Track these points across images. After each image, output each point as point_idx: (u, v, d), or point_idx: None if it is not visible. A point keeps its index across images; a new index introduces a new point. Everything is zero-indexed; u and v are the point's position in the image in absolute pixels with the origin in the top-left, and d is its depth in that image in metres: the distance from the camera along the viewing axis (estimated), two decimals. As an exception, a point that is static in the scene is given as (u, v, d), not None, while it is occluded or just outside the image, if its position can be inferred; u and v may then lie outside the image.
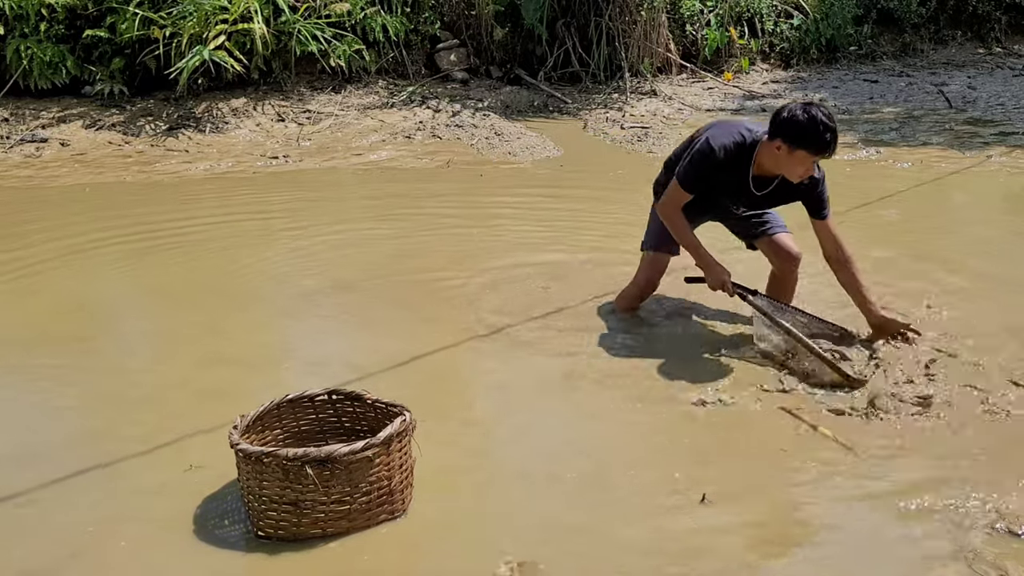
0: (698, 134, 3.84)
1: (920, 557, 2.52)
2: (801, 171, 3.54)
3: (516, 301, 4.36)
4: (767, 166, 3.63)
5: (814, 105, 3.49)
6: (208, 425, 3.13)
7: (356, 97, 8.88)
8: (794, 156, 3.49)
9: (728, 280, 3.75)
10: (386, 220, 5.81)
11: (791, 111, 3.48)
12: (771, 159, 3.58)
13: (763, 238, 3.99)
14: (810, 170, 3.55)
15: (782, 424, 3.25)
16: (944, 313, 4.12)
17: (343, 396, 2.94)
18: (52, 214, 5.93)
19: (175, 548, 2.60)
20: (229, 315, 4.29)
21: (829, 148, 3.46)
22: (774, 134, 3.53)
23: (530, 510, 2.78)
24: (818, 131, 3.42)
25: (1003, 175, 6.79)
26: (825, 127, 3.42)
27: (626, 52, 9.68)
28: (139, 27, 7.82)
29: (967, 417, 3.25)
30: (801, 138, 3.45)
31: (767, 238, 3.98)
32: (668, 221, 3.82)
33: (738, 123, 3.84)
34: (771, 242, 3.97)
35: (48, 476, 2.92)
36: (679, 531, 2.66)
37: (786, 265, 3.98)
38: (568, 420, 3.34)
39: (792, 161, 3.51)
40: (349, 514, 2.59)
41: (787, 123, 3.48)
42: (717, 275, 3.76)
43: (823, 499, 2.82)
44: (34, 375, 3.72)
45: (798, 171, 3.54)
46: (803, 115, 3.44)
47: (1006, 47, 12.17)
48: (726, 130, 3.72)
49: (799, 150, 3.47)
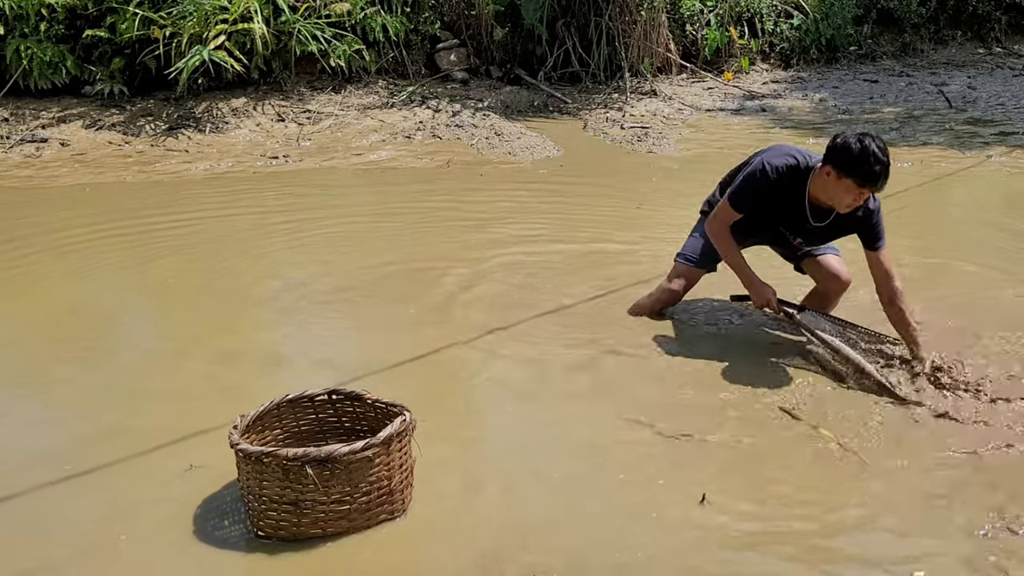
0: (754, 155, 3.82)
1: (920, 557, 2.52)
2: (848, 201, 3.48)
3: (518, 300, 4.36)
4: (819, 194, 3.57)
5: (870, 136, 3.43)
6: (208, 425, 3.13)
7: (356, 97, 8.87)
8: (841, 184, 3.44)
9: (774, 298, 3.72)
10: (386, 220, 5.80)
11: (845, 138, 3.44)
12: (821, 186, 3.54)
13: (810, 259, 3.92)
14: (857, 201, 3.48)
15: (783, 424, 3.24)
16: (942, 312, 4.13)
17: (343, 396, 2.94)
18: (52, 214, 5.93)
19: (175, 548, 2.59)
20: (229, 315, 4.29)
21: (877, 181, 3.41)
22: (826, 160, 3.50)
23: (531, 510, 2.78)
24: (868, 162, 3.36)
25: (1003, 175, 6.79)
26: (876, 159, 3.36)
27: (626, 52, 9.68)
28: (139, 27, 7.81)
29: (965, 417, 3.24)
30: (850, 166, 3.40)
31: (814, 259, 3.91)
32: (715, 239, 3.79)
33: (796, 148, 3.77)
34: (819, 264, 3.90)
35: (48, 476, 2.92)
36: (679, 531, 2.66)
37: (833, 286, 3.91)
38: (569, 420, 3.33)
39: (839, 189, 3.46)
40: (349, 514, 2.59)
41: (839, 150, 3.43)
42: (762, 294, 3.73)
43: (822, 499, 2.82)
44: (34, 375, 3.71)
45: (845, 200, 3.48)
46: (856, 144, 3.39)
47: (1006, 47, 12.18)
48: (781, 152, 3.69)
49: (846, 178, 3.41)
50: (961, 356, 3.63)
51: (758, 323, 4.07)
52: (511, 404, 3.42)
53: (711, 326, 4.08)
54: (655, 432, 3.22)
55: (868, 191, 3.45)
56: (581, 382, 3.58)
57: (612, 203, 6.16)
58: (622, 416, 3.31)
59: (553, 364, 3.72)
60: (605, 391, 3.51)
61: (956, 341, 3.85)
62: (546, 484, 2.91)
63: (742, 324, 4.08)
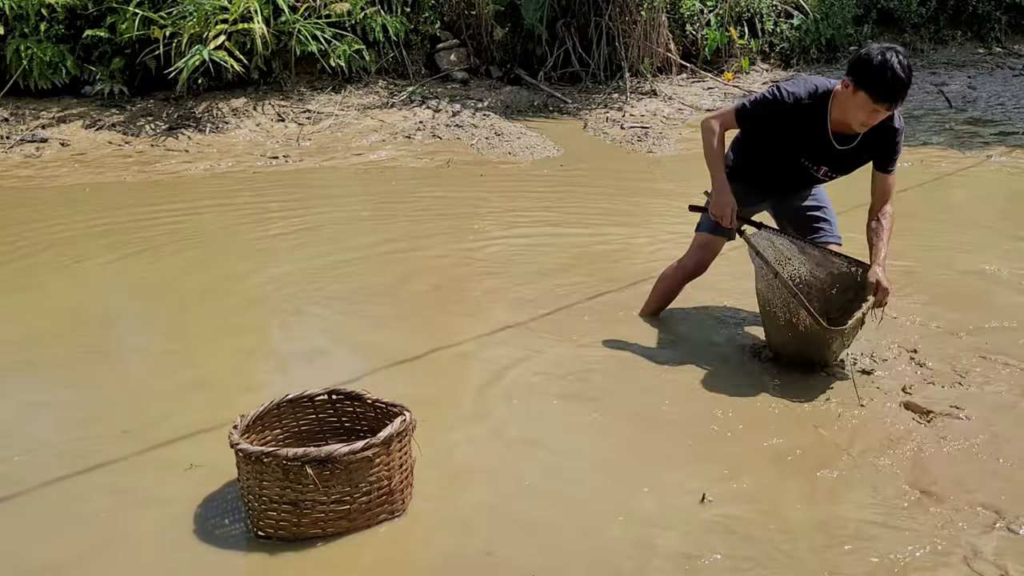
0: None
1: (920, 556, 2.52)
2: (862, 118, 3.36)
3: (518, 299, 4.36)
4: (839, 114, 3.44)
5: (895, 51, 3.27)
6: (208, 425, 3.13)
7: (356, 97, 8.88)
8: (856, 98, 3.32)
9: (732, 212, 3.59)
10: (386, 220, 5.80)
11: (868, 50, 3.31)
12: (839, 104, 3.42)
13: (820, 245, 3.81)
14: (871, 120, 3.36)
15: (789, 424, 3.24)
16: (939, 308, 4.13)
17: (343, 396, 2.94)
18: (52, 214, 5.93)
19: (175, 547, 2.59)
20: (229, 315, 4.28)
21: (891, 97, 3.27)
22: (848, 72, 3.38)
23: (531, 510, 2.78)
24: (884, 76, 3.23)
25: (1003, 175, 6.79)
26: (894, 75, 3.22)
27: (626, 52, 9.68)
28: (139, 27, 7.82)
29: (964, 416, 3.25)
30: (866, 78, 3.27)
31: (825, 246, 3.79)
32: (705, 134, 3.64)
33: (817, 77, 3.64)
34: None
35: (47, 476, 2.92)
36: (680, 531, 2.66)
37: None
38: (570, 419, 3.33)
39: (854, 104, 3.34)
40: (349, 514, 2.58)
41: (860, 60, 3.31)
42: (724, 202, 3.59)
43: (821, 499, 2.82)
44: (34, 375, 3.71)
45: (859, 117, 3.37)
46: (878, 56, 3.25)
47: (1006, 47, 12.18)
48: (802, 80, 3.58)
49: (861, 91, 3.29)
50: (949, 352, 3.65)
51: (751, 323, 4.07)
52: (512, 404, 3.41)
53: (718, 328, 4.07)
54: (659, 432, 3.22)
55: (882, 108, 3.32)
56: (583, 381, 3.57)
57: (612, 203, 6.16)
58: (626, 416, 3.31)
59: (554, 364, 3.72)
60: (607, 391, 3.50)
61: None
62: (547, 484, 2.91)
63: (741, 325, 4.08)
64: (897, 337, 3.88)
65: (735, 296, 4.23)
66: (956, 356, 3.70)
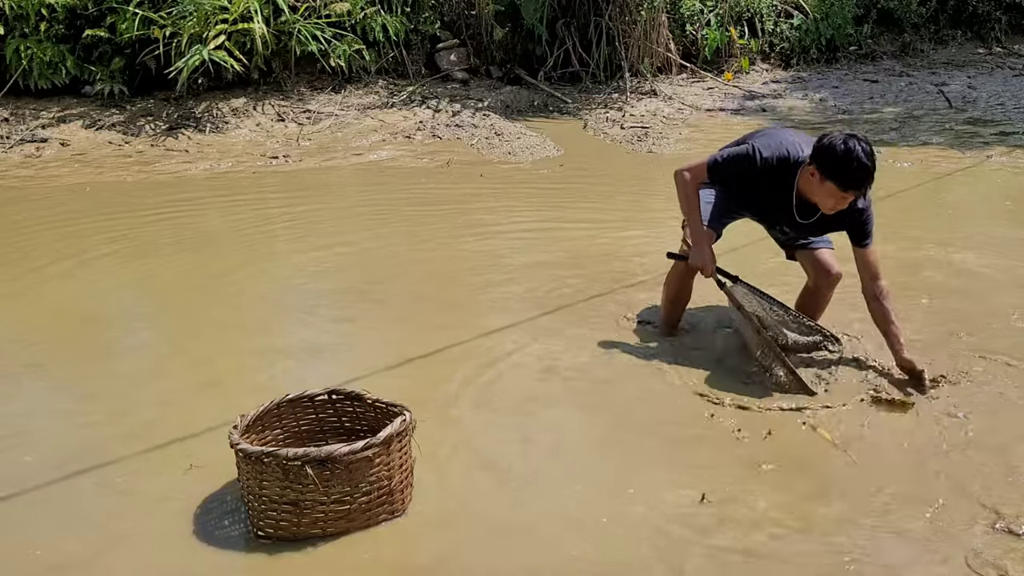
0: (750, 135, 3.77)
1: (920, 556, 2.52)
2: (831, 204, 3.40)
3: (518, 299, 4.37)
4: (805, 190, 3.49)
5: (856, 138, 3.31)
6: (208, 425, 3.13)
7: (356, 97, 8.87)
8: (825, 186, 3.35)
9: (711, 264, 3.62)
10: (386, 220, 5.80)
11: (831, 139, 3.33)
12: (807, 184, 3.46)
13: (804, 251, 3.82)
14: (841, 204, 3.39)
15: (787, 426, 3.24)
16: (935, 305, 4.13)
17: (343, 396, 2.94)
18: (52, 214, 5.93)
19: (175, 548, 2.59)
20: (229, 315, 4.29)
21: (859, 186, 3.33)
22: (812, 158, 3.40)
23: (532, 510, 2.78)
24: (850, 167, 3.27)
25: (1003, 174, 6.79)
26: (859, 164, 3.26)
27: (626, 52, 9.67)
28: (139, 27, 7.81)
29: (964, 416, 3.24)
30: (833, 169, 3.31)
31: (808, 251, 3.80)
32: (680, 186, 3.66)
33: (792, 139, 3.62)
34: (811, 256, 3.79)
35: (47, 476, 2.92)
36: (682, 530, 2.66)
37: (823, 281, 3.80)
38: (571, 420, 3.33)
39: (823, 191, 3.38)
40: (349, 514, 2.58)
41: (823, 150, 3.33)
42: (701, 254, 3.62)
43: (820, 500, 2.82)
44: (34, 375, 3.71)
45: (828, 203, 3.40)
46: (841, 146, 3.28)
47: (1006, 47, 12.17)
48: (776, 140, 3.59)
49: (828, 181, 3.33)
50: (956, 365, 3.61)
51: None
52: (512, 404, 3.41)
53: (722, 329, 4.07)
54: (660, 432, 3.22)
55: (851, 195, 3.36)
56: (584, 382, 3.58)
57: (612, 202, 6.16)
58: (627, 416, 3.31)
59: (555, 364, 3.72)
60: (608, 391, 3.50)
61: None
62: (547, 484, 2.91)
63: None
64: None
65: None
66: (956, 356, 3.70)
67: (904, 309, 4.14)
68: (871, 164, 3.29)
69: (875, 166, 3.32)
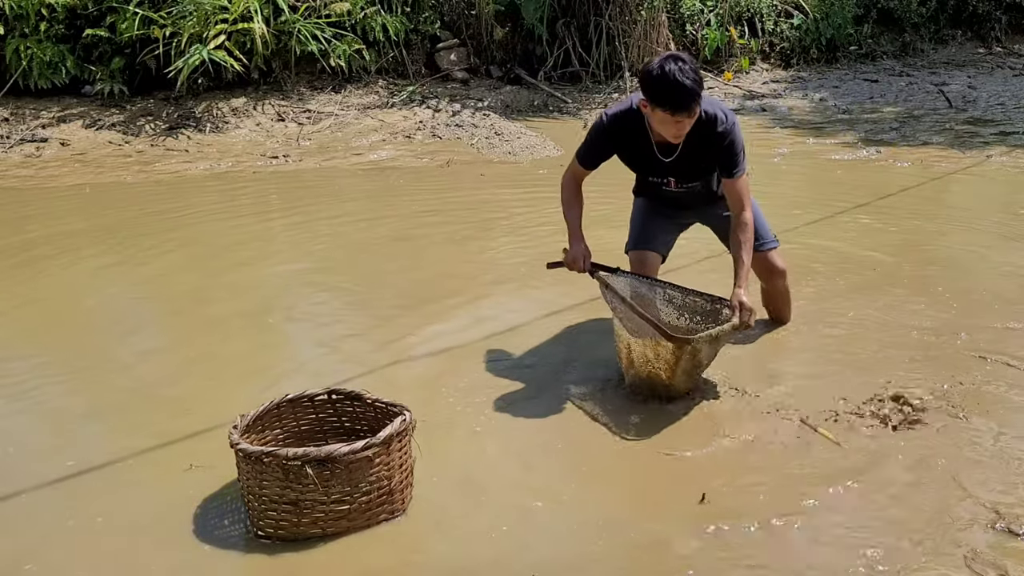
0: None
1: (920, 557, 2.52)
2: (673, 131, 3.24)
3: (518, 299, 4.37)
4: (656, 128, 3.32)
5: (676, 58, 3.13)
6: (208, 425, 3.13)
7: (356, 97, 8.88)
8: (656, 115, 3.21)
9: (584, 260, 3.53)
10: (386, 219, 5.81)
11: (649, 64, 3.16)
12: (650, 120, 3.31)
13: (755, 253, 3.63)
14: (681, 130, 3.23)
15: (786, 425, 3.24)
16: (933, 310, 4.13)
17: (343, 396, 2.94)
18: (52, 214, 5.93)
19: (175, 548, 2.59)
20: (229, 314, 4.28)
21: (683, 106, 3.12)
22: (640, 88, 3.26)
23: (531, 510, 2.78)
24: (669, 87, 3.09)
25: (1003, 174, 6.79)
26: (676, 83, 3.07)
27: (626, 52, 9.68)
28: (139, 27, 7.82)
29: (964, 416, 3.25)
30: (655, 94, 3.14)
31: (757, 253, 3.66)
32: (562, 190, 3.66)
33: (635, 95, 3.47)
34: (757, 257, 3.66)
35: (48, 475, 2.92)
36: (683, 531, 2.66)
37: (771, 279, 3.84)
38: (570, 420, 3.33)
39: (657, 120, 3.24)
40: (349, 514, 2.59)
41: (643, 77, 3.18)
42: (574, 253, 3.54)
43: (819, 501, 2.82)
44: (34, 375, 3.71)
45: (670, 131, 3.25)
46: (656, 70, 3.11)
47: (1006, 47, 12.18)
48: (620, 103, 3.50)
49: (657, 108, 3.17)
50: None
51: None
52: (512, 405, 3.41)
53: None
54: (661, 432, 3.22)
55: (682, 118, 3.17)
56: (584, 383, 3.57)
57: (612, 203, 6.14)
58: (628, 417, 3.31)
59: (555, 364, 3.72)
60: (612, 389, 3.50)
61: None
62: (547, 484, 2.91)
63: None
64: (897, 337, 3.88)
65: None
66: (956, 356, 3.70)
67: (905, 309, 4.15)
68: (690, 81, 3.09)
69: (697, 82, 3.12)
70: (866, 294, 4.34)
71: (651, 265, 3.77)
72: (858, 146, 7.49)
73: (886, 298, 4.29)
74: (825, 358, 3.73)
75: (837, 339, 3.89)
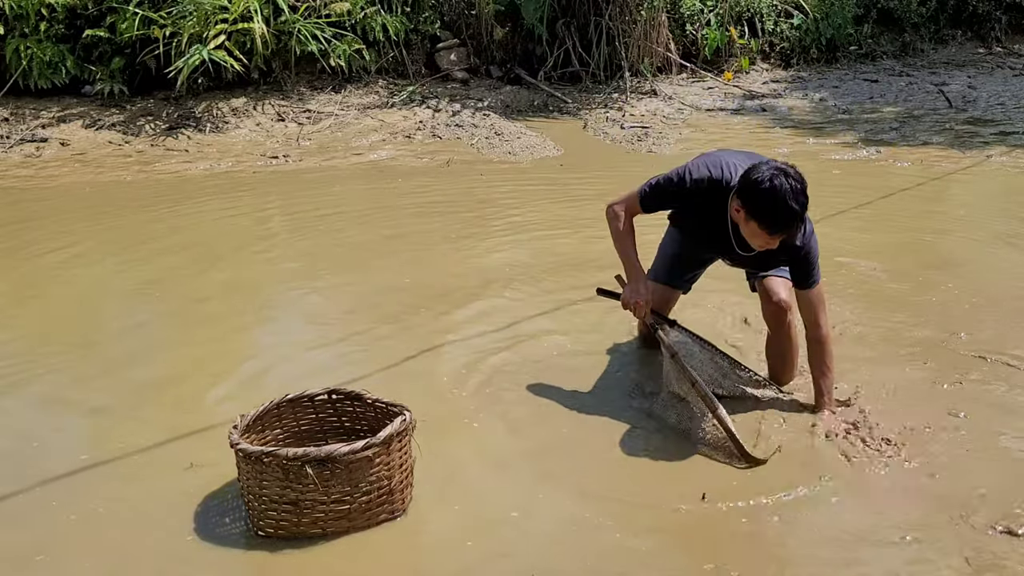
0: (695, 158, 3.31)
1: (920, 556, 2.52)
2: (759, 243, 3.02)
3: (517, 299, 4.37)
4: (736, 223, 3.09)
5: (787, 174, 2.89)
6: (208, 424, 3.13)
7: (356, 97, 8.87)
8: (749, 226, 2.97)
9: (645, 301, 3.27)
10: (386, 219, 5.80)
11: (758, 174, 2.91)
12: (736, 218, 3.05)
13: (759, 280, 3.43)
14: (770, 244, 3.01)
15: (785, 427, 3.24)
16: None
17: (343, 396, 2.94)
18: (52, 214, 5.93)
19: (175, 548, 2.59)
20: (229, 314, 4.29)
21: (784, 230, 2.93)
22: (736, 193, 3.01)
23: (532, 510, 2.78)
24: (775, 208, 2.87)
25: (1003, 174, 6.79)
26: (785, 207, 2.85)
27: (626, 52, 9.67)
28: (139, 27, 7.81)
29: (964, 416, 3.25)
30: (756, 209, 2.91)
31: (760, 280, 3.41)
32: (610, 220, 3.36)
33: (732, 159, 3.19)
34: (761, 284, 3.40)
35: (48, 474, 2.92)
36: (685, 530, 2.66)
37: (769, 309, 3.38)
38: (570, 420, 3.33)
39: (748, 230, 3.00)
40: (349, 514, 2.59)
41: (747, 186, 2.93)
42: (635, 291, 3.27)
43: (818, 501, 2.82)
44: (34, 374, 3.71)
45: (756, 242, 3.03)
46: (766, 183, 2.86)
47: (1006, 47, 12.18)
48: (713, 160, 3.19)
49: (752, 221, 2.94)
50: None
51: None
52: (512, 404, 3.41)
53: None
54: (656, 435, 3.22)
55: (779, 237, 2.97)
56: (584, 383, 3.57)
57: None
58: (628, 416, 3.31)
59: (555, 365, 3.72)
60: (613, 390, 3.50)
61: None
62: (547, 484, 2.92)
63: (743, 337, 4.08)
64: (896, 337, 3.88)
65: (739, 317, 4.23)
66: (956, 356, 3.70)
67: (905, 309, 4.15)
68: (798, 207, 2.88)
69: (805, 206, 2.91)
70: (866, 294, 4.34)
71: (673, 299, 3.62)
72: (858, 146, 7.49)
73: (886, 298, 4.29)
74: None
75: (837, 339, 3.87)
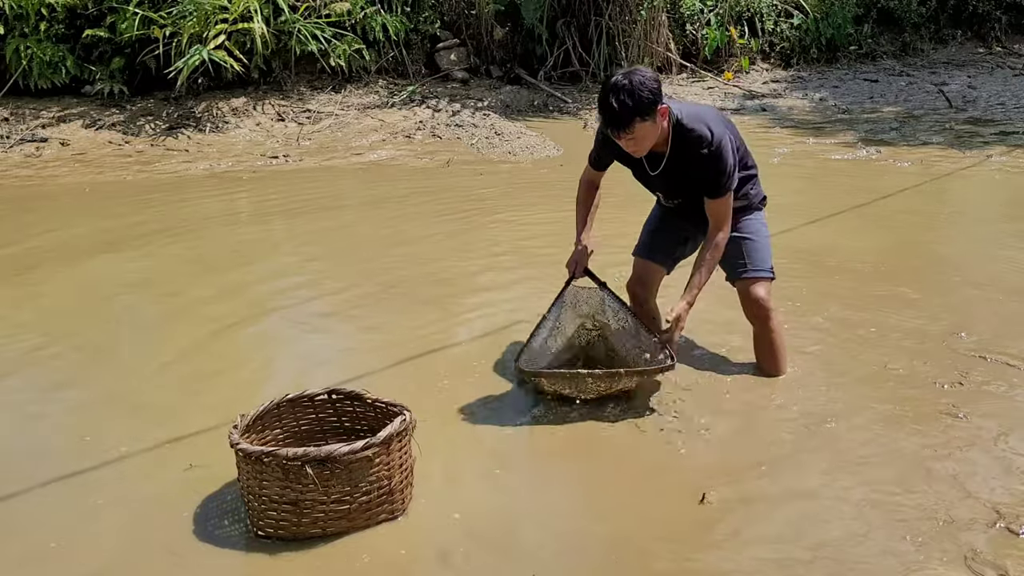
0: None
1: (920, 556, 2.52)
2: (624, 147, 3.07)
3: (517, 299, 4.36)
4: None
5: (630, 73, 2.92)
6: (208, 425, 3.13)
7: (356, 97, 8.88)
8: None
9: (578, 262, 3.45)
10: (385, 219, 5.81)
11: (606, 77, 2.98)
12: None
13: (737, 280, 3.46)
14: (630, 147, 3.05)
15: (785, 428, 3.24)
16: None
17: (343, 396, 2.94)
18: (52, 213, 5.93)
19: (175, 548, 2.59)
20: (228, 314, 4.28)
21: (607, 124, 2.96)
22: None
23: (532, 510, 2.78)
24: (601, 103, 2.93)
25: (1003, 174, 6.79)
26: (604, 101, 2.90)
27: (626, 52, 9.68)
28: (139, 27, 7.82)
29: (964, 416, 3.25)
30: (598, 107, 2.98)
31: (740, 281, 3.45)
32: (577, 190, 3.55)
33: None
34: (740, 285, 3.45)
35: (48, 474, 2.92)
36: (685, 530, 2.66)
37: (749, 309, 3.45)
38: (573, 420, 3.33)
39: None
40: (349, 514, 2.58)
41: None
42: (575, 253, 3.47)
43: (818, 502, 2.82)
44: (34, 374, 3.71)
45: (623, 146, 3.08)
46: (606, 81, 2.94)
47: (1006, 47, 12.19)
48: None
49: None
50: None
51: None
52: (512, 405, 3.41)
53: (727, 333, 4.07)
54: (658, 436, 3.22)
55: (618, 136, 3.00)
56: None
57: (612, 203, 6.14)
58: (628, 418, 3.31)
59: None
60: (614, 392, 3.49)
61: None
62: (548, 484, 2.92)
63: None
64: (896, 336, 3.88)
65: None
66: (956, 356, 3.70)
67: (905, 309, 4.15)
68: (617, 104, 2.88)
69: (631, 106, 2.89)
70: (866, 294, 4.34)
71: (652, 274, 3.64)
72: (858, 146, 7.49)
73: (886, 297, 4.29)
74: (824, 357, 3.73)
75: (836, 339, 3.89)
